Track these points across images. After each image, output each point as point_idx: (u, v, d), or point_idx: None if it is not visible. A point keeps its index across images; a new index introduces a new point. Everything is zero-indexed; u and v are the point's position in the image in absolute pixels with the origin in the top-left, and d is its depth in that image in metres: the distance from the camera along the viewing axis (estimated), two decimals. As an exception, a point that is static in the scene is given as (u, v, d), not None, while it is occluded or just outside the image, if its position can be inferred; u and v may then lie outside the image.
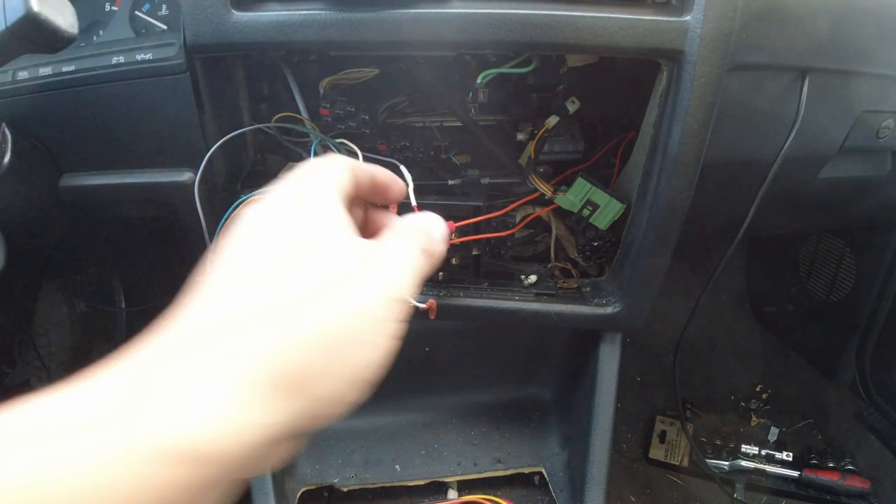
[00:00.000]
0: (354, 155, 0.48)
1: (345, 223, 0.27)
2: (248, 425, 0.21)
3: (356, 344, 0.24)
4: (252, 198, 0.41)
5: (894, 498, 0.89)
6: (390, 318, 0.25)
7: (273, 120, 0.51)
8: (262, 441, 0.21)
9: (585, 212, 0.53)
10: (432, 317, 0.44)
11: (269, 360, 0.22)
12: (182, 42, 0.44)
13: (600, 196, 0.53)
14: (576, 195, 0.53)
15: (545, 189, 0.53)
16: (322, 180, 0.28)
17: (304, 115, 0.50)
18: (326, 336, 0.23)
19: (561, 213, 0.56)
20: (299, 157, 0.54)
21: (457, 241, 0.53)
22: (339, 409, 0.24)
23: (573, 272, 0.59)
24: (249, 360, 0.22)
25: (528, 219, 0.57)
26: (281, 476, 0.61)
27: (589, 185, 0.52)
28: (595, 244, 0.57)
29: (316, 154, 0.50)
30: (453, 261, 0.55)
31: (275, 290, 0.24)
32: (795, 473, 0.93)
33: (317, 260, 0.25)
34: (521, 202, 0.56)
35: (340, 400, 0.24)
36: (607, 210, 0.53)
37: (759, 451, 0.96)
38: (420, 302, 0.44)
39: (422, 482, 0.63)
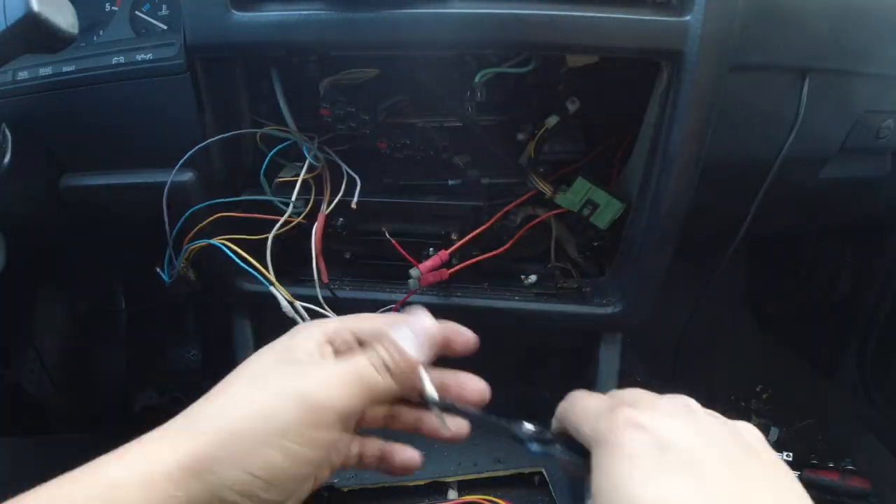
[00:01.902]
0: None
1: (296, 365, 0.28)
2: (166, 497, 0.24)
3: (258, 444, 0.25)
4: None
5: (894, 498, 0.89)
6: (304, 431, 0.26)
7: (259, 136, 0.51)
8: None
9: (585, 211, 0.53)
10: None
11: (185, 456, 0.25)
12: (182, 42, 0.44)
13: (600, 195, 0.53)
14: (576, 194, 0.53)
15: (545, 188, 0.53)
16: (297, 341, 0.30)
17: (290, 122, 0.50)
18: (225, 431, 0.26)
19: (561, 213, 0.56)
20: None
21: (456, 247, 0.53)
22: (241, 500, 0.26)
23: (573, 272, 0.59)
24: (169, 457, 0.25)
25: (529, 225, 0.56)
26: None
27: (589, 185, 0.52)
28: (595, 244, 0.57)
29: (310, 157, 0.50)
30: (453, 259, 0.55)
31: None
32: (795, 473, 0.93)
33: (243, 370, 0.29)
34: (518, 202, 0.56)
35: (241, 491, 0.25)
36: (607, 209, 0.53)
37: (760, 451, 0.96)
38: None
39: (422, 482, 0.63)
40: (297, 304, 0.50)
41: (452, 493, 0.63)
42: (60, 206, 0.52)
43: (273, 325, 0.52)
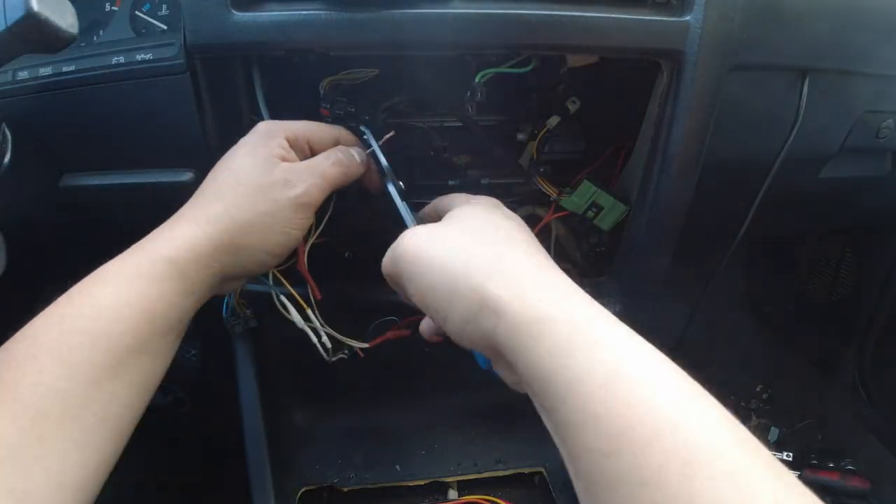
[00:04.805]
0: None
1: (267, 159, 0.40)
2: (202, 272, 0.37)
3: (268, 232, 0.39)
4: None
5: (894, 498, 0.89)
6: (296, 217, 0.40)
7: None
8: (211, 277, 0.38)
9: (590, 214, 0.53)
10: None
11: (217, 233, 0.38)
12: (182, 42, 0.44)
13: (605, 198, 0.53)
14: (581, 197, 0.53)
15: (550, 191, 0.53)
16: (256, 141, 0.41)
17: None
18: (248, 225, 0.38)
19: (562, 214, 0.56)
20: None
21: None
22: (258, 269, 0.41)
23: (573, 272, 0.59)
24: (207, 234, 0.37)
25: (538, 227, 0.56)
26: (281, 476, 0.61)
27: (595, 188, 0.52)
28: (598, 250, 0.57)
29: None
30: None
31: (224, 197, 0.39)
32: (795, 473, 0.93)
33: (250, 183, 0.39)
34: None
35: (259, 263, 0.40)
36: (612, 212, 0.53)
37: (760, 450, 0.96)
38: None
39: (422, 482, 0.63)
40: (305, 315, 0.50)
41: (452, 493, 0.63)
42: (61, 207, 0.52)
43: (272, 322, 0.52)
